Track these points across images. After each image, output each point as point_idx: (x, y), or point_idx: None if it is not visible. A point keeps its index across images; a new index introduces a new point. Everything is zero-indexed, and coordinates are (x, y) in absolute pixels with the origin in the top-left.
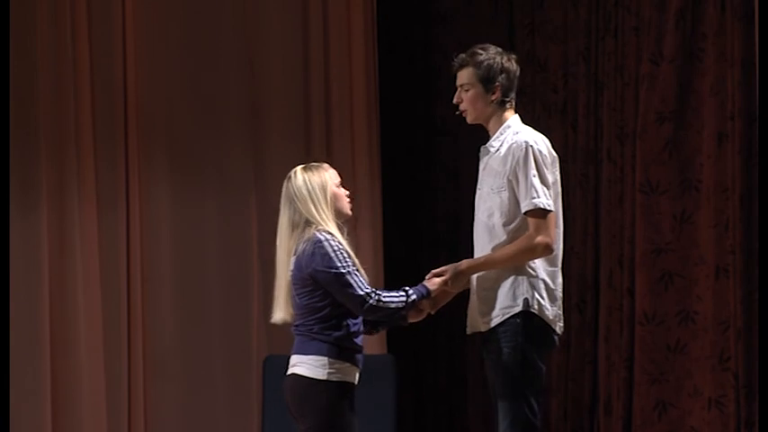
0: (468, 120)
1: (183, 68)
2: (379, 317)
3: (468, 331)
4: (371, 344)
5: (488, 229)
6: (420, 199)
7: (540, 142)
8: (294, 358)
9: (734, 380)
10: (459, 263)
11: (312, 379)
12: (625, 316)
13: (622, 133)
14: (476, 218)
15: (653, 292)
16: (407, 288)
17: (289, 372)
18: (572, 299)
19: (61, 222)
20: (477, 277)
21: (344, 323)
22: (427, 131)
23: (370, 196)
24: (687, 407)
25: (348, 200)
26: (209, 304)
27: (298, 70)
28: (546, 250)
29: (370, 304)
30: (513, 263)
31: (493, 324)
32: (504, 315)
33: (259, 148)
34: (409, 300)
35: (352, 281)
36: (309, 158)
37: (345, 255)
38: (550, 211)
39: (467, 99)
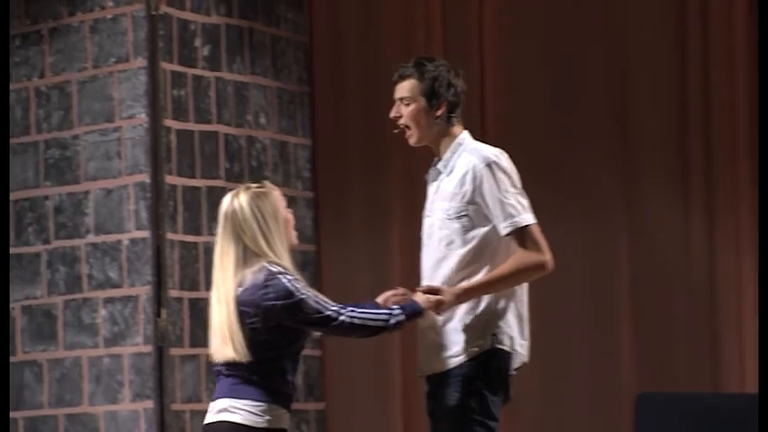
0: (412, 141)
1: (543, 79)
2: (357, 336)
3: (418, 373)
4: (732, 381)
5: (446, 258)
6: None
7: (501, 156)
8: (224, 402)
9: None
10: (454, 287)
11: (251, 427)
12: None
13: None
14: (428, 246)
15: None
16: (394, 306)
17: (216, 418)
18: None
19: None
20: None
21: (282, 366)
22: None
23: None
24: None
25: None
26: (570, 332)
27: (673, 80)
28: (547, 267)
29: (341, 321)
30: (514, 285)
31: (452, 364)
32: (469, 354)
33: (628, 159)
34: (391, 321)
35: (313, 303)
36: (685, 173)
37: (301, 285)
38: (534, 224)
39: (408, 114)
